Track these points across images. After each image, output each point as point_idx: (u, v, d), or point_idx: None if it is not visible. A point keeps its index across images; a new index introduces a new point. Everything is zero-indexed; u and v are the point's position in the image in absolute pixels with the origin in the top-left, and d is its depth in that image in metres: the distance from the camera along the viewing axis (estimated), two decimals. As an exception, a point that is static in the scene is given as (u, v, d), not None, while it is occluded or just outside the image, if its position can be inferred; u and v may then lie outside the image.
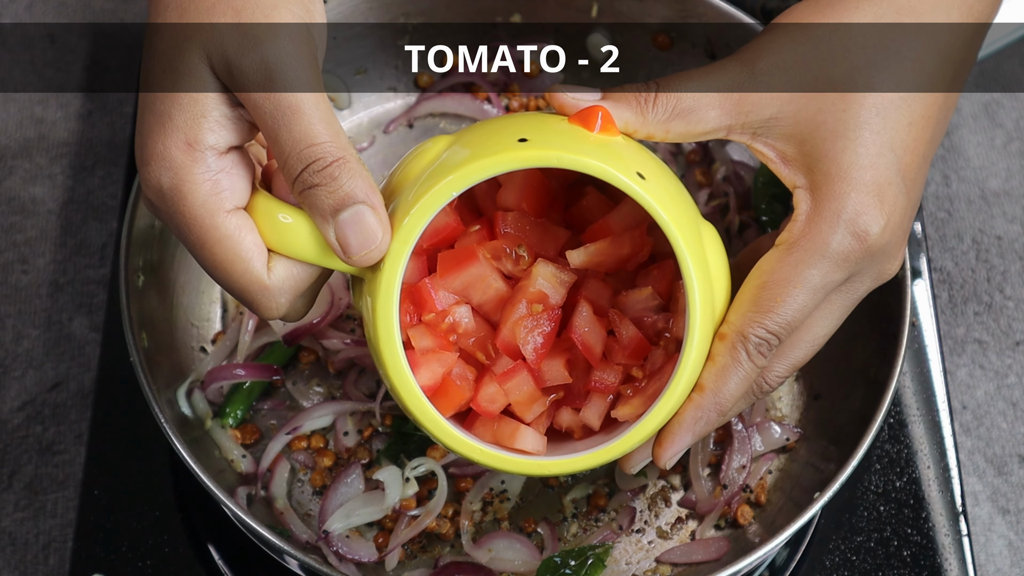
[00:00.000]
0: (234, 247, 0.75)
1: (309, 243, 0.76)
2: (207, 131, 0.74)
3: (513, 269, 0.81)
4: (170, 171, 0.74)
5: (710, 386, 0.78)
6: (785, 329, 0.78)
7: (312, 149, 0.73)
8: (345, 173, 0.74)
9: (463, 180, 0.75)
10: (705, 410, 0.79)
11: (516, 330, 0.80)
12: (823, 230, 0.77)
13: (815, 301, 0.78)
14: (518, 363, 0.81)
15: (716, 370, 0.78)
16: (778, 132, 0.80)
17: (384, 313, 0.76)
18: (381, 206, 0.75)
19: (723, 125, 0.80)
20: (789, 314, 0.77)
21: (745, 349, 0.78)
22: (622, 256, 0.82)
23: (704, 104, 0.79)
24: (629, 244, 0.81)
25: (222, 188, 0.75)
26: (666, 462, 0.80)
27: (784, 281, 0.77)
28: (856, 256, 0.78)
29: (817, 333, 0.81)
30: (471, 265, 0.80)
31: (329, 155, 0.73)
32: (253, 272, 0.76)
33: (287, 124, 0.73)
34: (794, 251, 0.77)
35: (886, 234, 0.78)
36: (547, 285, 0.80)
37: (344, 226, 0.74)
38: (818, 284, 0.78)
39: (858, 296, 0.81)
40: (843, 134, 0.78)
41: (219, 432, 0.97)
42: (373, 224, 0.75)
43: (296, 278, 0.77)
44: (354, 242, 0.75)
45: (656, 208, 0.75)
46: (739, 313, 0.78)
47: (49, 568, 1.04)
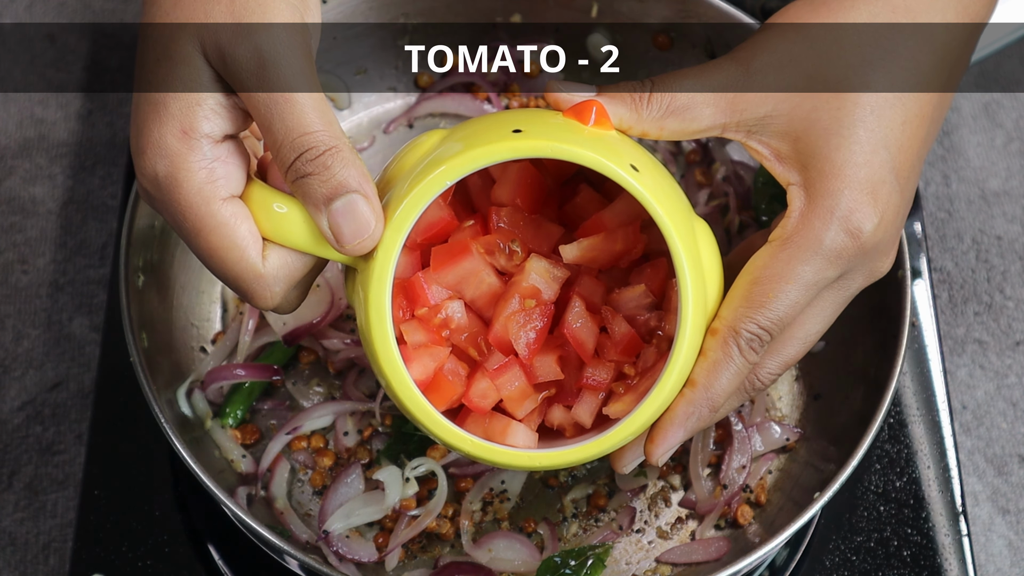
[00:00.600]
0: (229, 235, 0.75)
1: (303, 232, 0.76)
2: (202, 119, 0.74)
3: (506, 264, 0.81)
4: (165, 159, 0.74)
5: (702, 381, 0.78)
6: (777, 325, 0.78)
7: (305, 138, 0.73)
8: (338, 162, 0.74)
9: (456, 170, 0.75)
10: (697, 405, 0.79)
11: (509, 325, 0.80)
12: (816, 227, 0.77)
13: (807, 298, 0.78)
14: (510, 359, 0.81)
15: (708, 365, 0.78)
16: (772, 130, 0.80)
17: (376, 302, 0.76)
18: (374, 195, 0.75)
19: (718, 123, 0.80)
20: (781, 310, 0.77)
21: (737, 344, 0.78)
22: (615, 252, 0.82)
23: (698, 102, 0.79)
24: (623, 240, 0.81)
25: (217, 176, 0.75)
26: (658, 458, 0.80)
27: (777, 277, 0.77)
28: (849, 253, 0.78)
29: (809, 330, 0.81)
30: (464, 259, 0.80)
31: (322, 144, 0.74)
32: (248, 260, 0.76)
33: (280, 113, 0.73)
34: (787, 247, 0.78)
35: (879, 232, 0.78)
36: (540, 280, 0.80)
37: (337, 215, 0.74)
38: (811, 280, 0.78)
39: (850, 294, 0.81)
40: (837, 132, 0.78)
41: (219, 432, 0.97)
42: (366, 213, 0.75)
43: (291, 267, 0.77)
44: (347, 231, 0.75)
45: (649, 200, 0.75)
46: (731, 308, 0.78)
47: (49, 568, 1.04)
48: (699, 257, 0.78)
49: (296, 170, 0.74)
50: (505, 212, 0.81)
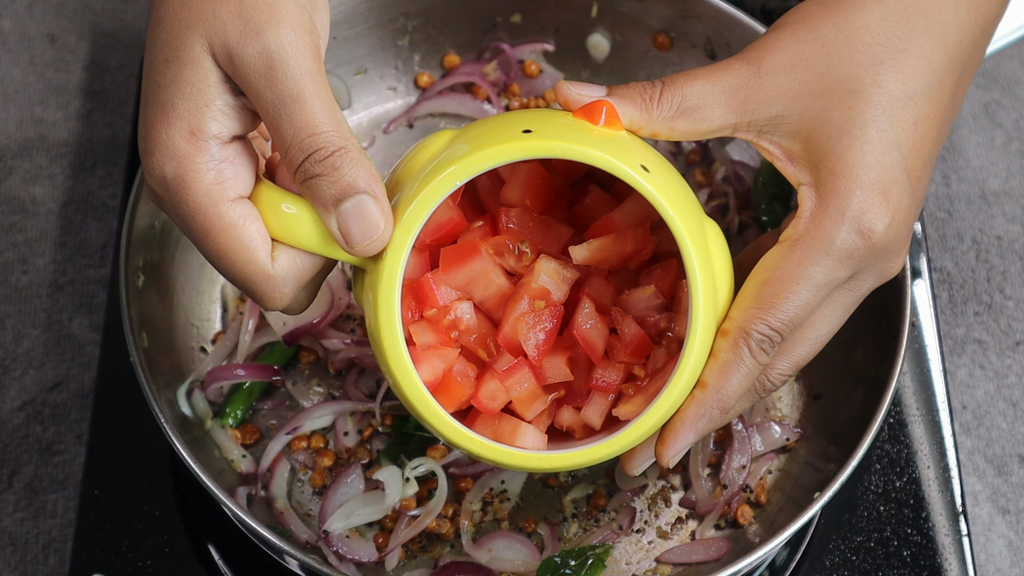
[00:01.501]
0: (238, 236, 0.75)
1: (313, 233, 0.76)
2: (210, 120, 0.74)
3: (516, 265, 0.81)
4: (173, 160, 0.74)
5: (712, 383, 0.78)
6: (788, 326, 0.78)
7: (314, 139, 0.73)
8: (347, 163, 0.74)
9: (467, 170, 0.75)
10: (708, 407, 0.78)
11: (518, 326, 0.80)
12: (828, 227, 0.77)
13: (818, 298, 0.78)
14: (520, 360, 0.81)
15: (719, 367, 0.78)
16: (784, 130, 0.80)
17: (386, 303, 0.76)
18: (383, 196, 0.75)
19: (728, 123, 0.80)
20: (792, 311, 0.77)
21: (748, 346, 0.78)
22: (625, 253, 0.81)
23: (709, 102, 0.79)
24: (632, 241, 0.81)
25: (226, 177, 0.75)
26: (669, 460, 0.80)
27: (788, 278, 0.77)
28: (860, 254, 0.78)
29: (820, 331, 0.81)
30: (473, 260, 0.80)
31: (331, 144, 0.73)
32: (257, 261, 0.76)
33: (288, 114, 0.73)
34: (798, 248, 0.77)
35: (890, 232, 0.78)
36: (550, 281, 0.80)
37: (346, 216, 0.74)
38: (822, 281, 0.77)
39: (861, 294, 0.81)
40: (849, 131, 0.78)
41: (219, 432, 0.97)
42: (376, 214, 0.74)
43: (300, 268, 0.77)
44: (356, 232, 0.75)
45: (660, 201, 0.75)
46: (742, 309, 0.78)
47: (49, 568, 1.04)
48: (710, 258, 0.77)
49: (305, 171, 0.74)
50: (514, 213, 0.81)
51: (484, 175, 0.77)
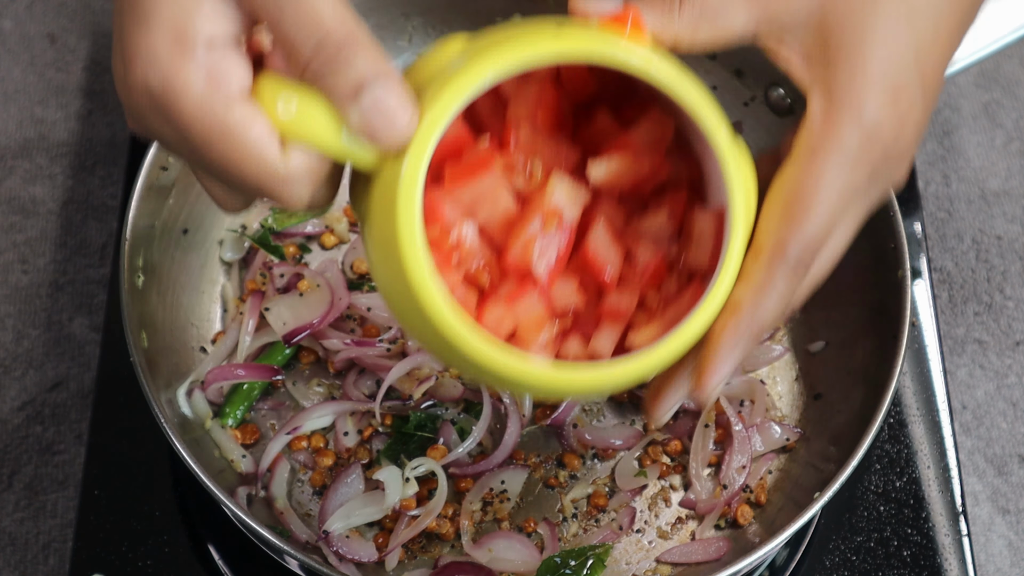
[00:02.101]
0: (241, 139, 0.68)
1: (327, 126, 0.69)
2: (201, 20, 0.68)
3: (525, 186, 0.76)
4: (157, 68, 0.67)
5: (748, 305, 0.74)
6: (820, 240, 0.74)
7: (320, 32, 0.68)
8: (359, 54, 0.68)
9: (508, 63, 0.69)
10: (743, 332, 0.74)
11: (528, 247, 0.74)
12: (844, 133, 0.74)
13: (843, 206, 0.75)
14: (528, 284, 0.75)
15: (754, 287, 0.74)
16: (804, 27, 0.77)
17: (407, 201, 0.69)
18: (400, 82, 0.69)
19: (750, 27, 0.77)
20: (823, 223, 0.74)
21: (785, 264, 0.74)
22: (641, 175, 0.77)
23: (730, 5, 0.76)
24: (648, 163, 0.77)
25: (220, 76, 0.68)
26: (709, 393, 0.76)
27: (813, 189, 0.74)
28: (874, 156, 0.75)
29: (834, 247, 0.77)
30: (484, 175, 0.74)
31: (340, 37, 0.68)
32: (266, 163, 0.69)
33: (292, 7, 0.67)
34: (817, 157, 0.74)
35: (903, 136, 0.76)
36: (564, 199, 0.75)
37: (367, 108, 0.68)
38: (844, 187, 0.75)
39: (871, 203, 0.78)
40: (868, 33, 0.75)
41: (219, 432, 0.97)
42: (395, 102, 0.69)
43: (314, 163, 0.71)
44: (379, 123, 0.69)
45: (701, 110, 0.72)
46: (770, 228, 0.74)
47: (49, 568, 1.04)
48: (745, 174, 0.74)
49: (314, 70, 0.68)
50: (524, 129, 0.76)
51: (486, 95, 0.72)
